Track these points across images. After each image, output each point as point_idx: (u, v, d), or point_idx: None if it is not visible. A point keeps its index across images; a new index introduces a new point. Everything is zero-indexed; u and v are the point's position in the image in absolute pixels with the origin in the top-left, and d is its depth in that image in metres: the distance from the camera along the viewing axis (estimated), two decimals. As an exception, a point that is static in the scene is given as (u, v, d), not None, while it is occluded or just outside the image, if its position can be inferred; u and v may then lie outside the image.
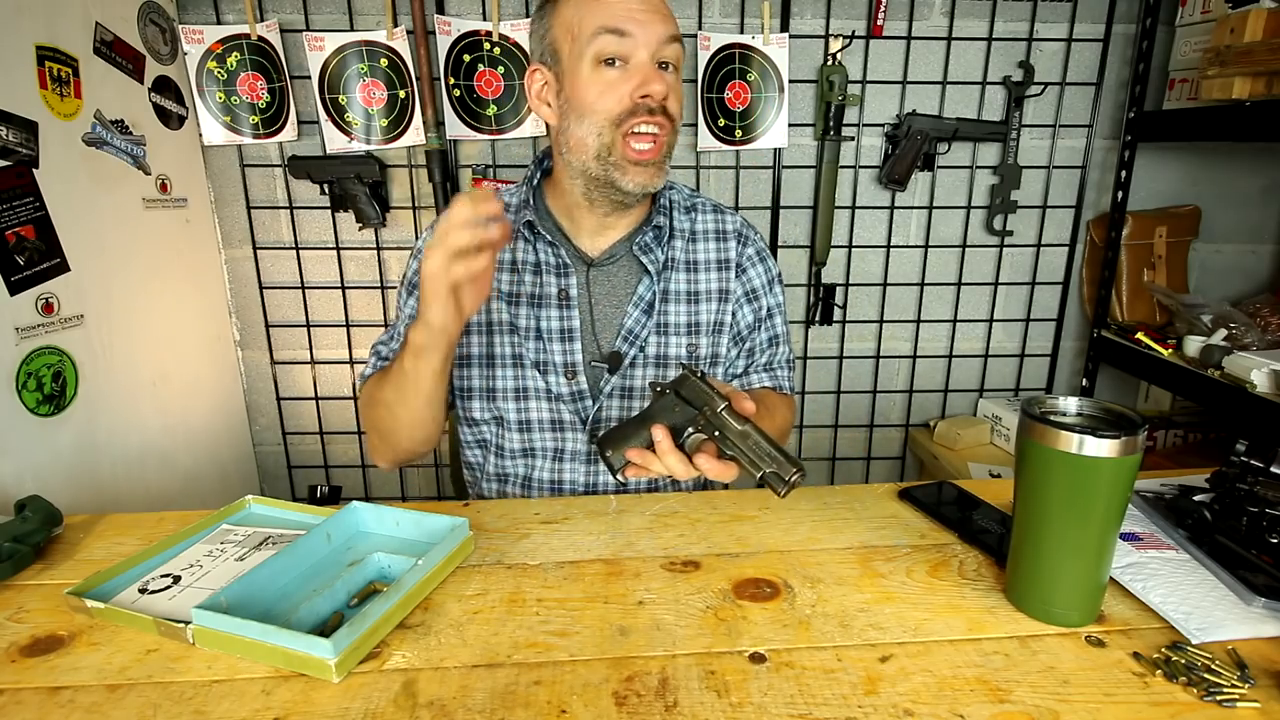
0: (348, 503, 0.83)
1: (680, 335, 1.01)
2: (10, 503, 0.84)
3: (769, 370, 1.09)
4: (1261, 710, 0.56)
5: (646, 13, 0.88)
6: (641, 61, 0.88)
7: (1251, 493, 0.78)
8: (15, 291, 1.17)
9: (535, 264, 1.00)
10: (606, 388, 1.00)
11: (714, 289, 1.03)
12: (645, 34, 0.87)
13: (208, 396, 1.72)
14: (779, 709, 0.57)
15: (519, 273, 1.00)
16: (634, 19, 0.87)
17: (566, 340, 0.99)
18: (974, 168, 1.80)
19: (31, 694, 0.60)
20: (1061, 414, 0.68)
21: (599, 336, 1.00)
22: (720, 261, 1.04)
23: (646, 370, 1.01)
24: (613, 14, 0.87)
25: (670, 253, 1.02)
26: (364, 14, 1.64)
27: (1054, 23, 1.72)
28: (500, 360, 1.00)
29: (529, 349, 0.99)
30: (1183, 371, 1.56)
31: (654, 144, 0.90)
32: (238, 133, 1.67)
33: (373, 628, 0.64)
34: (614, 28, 0.87)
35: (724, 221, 1.06)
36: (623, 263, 1.01)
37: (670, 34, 0.89)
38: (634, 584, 0.74)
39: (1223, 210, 1.88)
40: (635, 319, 1.00)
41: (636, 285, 1.00)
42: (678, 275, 1.02)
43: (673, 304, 1.01)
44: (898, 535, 0.83)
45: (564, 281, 0.99)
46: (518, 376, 1.00)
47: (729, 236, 1.05)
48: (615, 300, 1.01)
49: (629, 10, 0.87)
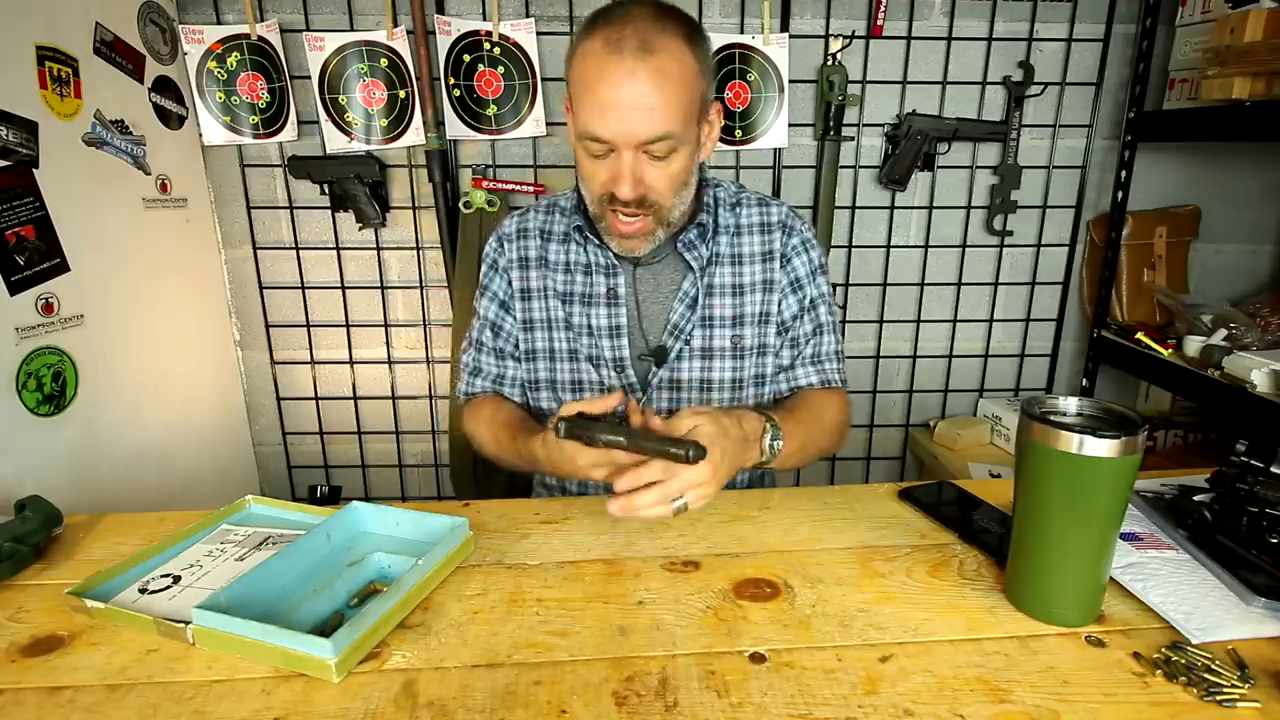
0: (348, 503, 0.83)
1: (725, 328, 1.03)
2: (10, 503, 0.84)
3: (815, 363, 1.08)
4: (1261, 710, 0.56)
5: (631, 111, 0.84)
6: (622, 159, 0.87)
7: (1251, 493, 0.78)
8: (15, 291, 1.17)
9: (586, 264, 1.04)
10: (655, 380, 1.04)
11: (759, 280, 1.04)
12: (625, 138, 0.85)
13: (208, 396, 1.72)
14: (779, 709, 0.57)
15: (572, 272, 1.05)
16: (616, 120, 0.85)
17: (615, 336, 1.03)
18: (974, 168, 1.80)
19: (31, 694, 0.60)
20: (1061, 414, 0.68)
21: (646, 332, 1.04)
22: (765, 253, 1.05)
23: (693, 363, 1.04)
24: (596, 115, 0.85)
25: (715, 248, 1.04)
26: (364, 14, 1.64)
27: (1054, 23, 1.72)
28: (559, 355, 1.06)
29: (582, 344, 1.04)
30: (1183, 371, 1.56)
31: (640, 223, 0.93)
32: (238, 133, 1.67)
33: (373, 628, 0.64)
34: (593, 135, 0.86)
35: (769, 213, 1.06)
36: (668, 260, 1.04)
37: (652, 136, 0.85)
38: (634, 584, 0.74)
39: (1223, 210, 1.87)
40: (680, 314, 1.03)
41: (681, 281, 1.03)
42: (722, 270, 1.04)
43: (717, 297, 1.03)
44: (898, 535, 0.83)
45: (612, 280, 1.03)
46: (574, 370, 1.06)
47: (774, 228, 1.05)
48: (661, 296, 1.04)
49: (612, 108, 0.84)
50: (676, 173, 0.91)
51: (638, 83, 0.83)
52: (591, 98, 0.85)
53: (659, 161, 0.89)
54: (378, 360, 1.86)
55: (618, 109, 0.84)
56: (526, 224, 1.09)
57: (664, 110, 0.85)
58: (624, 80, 0.83)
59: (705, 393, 1.05)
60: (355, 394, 1.88)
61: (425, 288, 1.81)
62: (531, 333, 1.07)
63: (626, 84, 0.83)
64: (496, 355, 1.10)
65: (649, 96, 0.84)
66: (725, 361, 1.04)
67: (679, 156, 0.90)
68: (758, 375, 1.07)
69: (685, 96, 0.87)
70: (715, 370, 1.04)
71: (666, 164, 0.90)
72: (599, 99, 0.85)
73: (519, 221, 1.10)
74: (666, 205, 0.93)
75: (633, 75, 0.83)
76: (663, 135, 0.86)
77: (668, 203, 0.93)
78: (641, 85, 0.83)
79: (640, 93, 0.83)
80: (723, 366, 1.04)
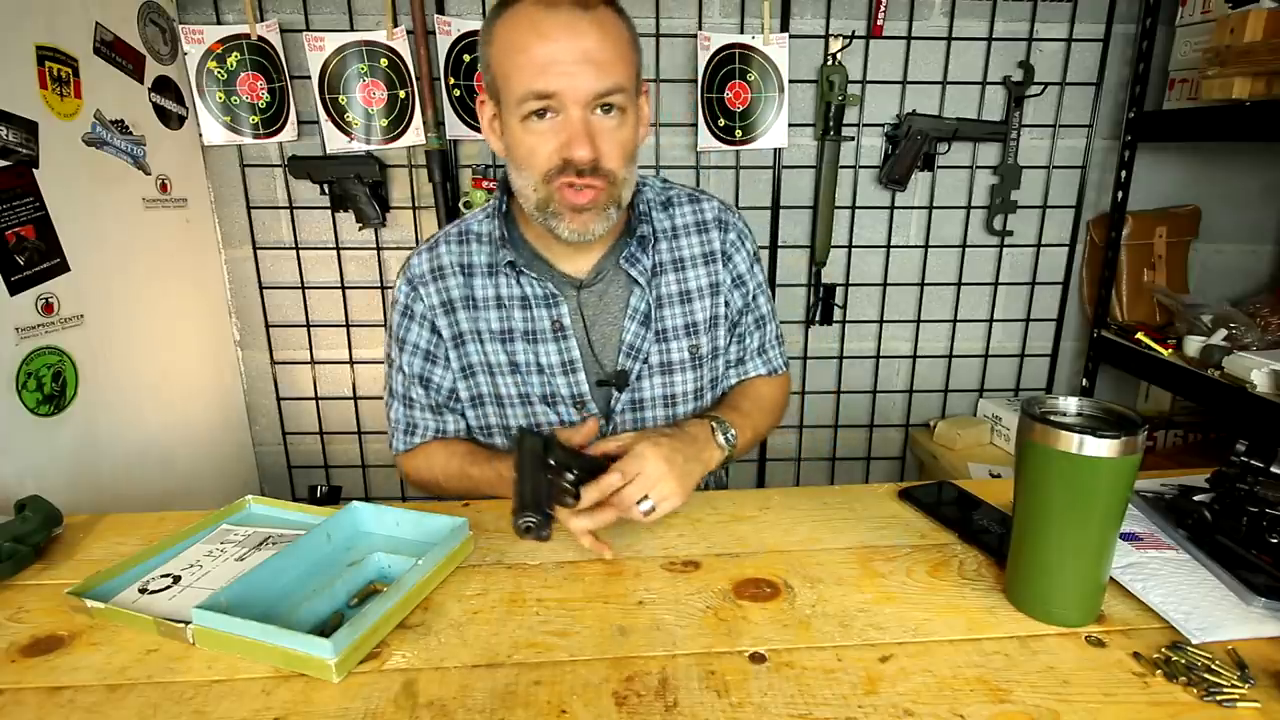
0: (348, 503, 0.83)
1: (680, 339, 1.00)
2: (10, 503, 0.84)
3: (762, 354, 1.08)
4: (1261, 710, 0.56)
5: (577, 64, 0.79)
6: (572, 118, 0.81)
7: (1251, 493, 0.78)
8: (15, 291, 1.17)
9: (522, 297, 0.96)
10: (618, 406, 0.99)
11: (704, 284, 1.01)
12: (575, 91, 0.80)
13: (208, 396, 1.72)
14: (779, 709, 0.57)
15: (506, 308, 0.96)
16: (562, 74, 0.79)
17: (569, 372, 0.97)
18: (974, 168, 1.80)
19: (31, 694, 0.60)
20: (1061, 414, 0.68)
21: (600, 357, 0.98)
22: (706, 255, 1.01)
23: (654, 380, 1.00)
24: (537, 72, 0.79)
25: (657, 256, 0.99)
26: (364, 14, 1.64)
27: (1054, 23, 1.72)
28: (508, 400, 0.99)
29: (534, 384, 0.97)
30: (1183, 371, 1.56)
31: (594, 192, 0.85)
32: (238, 133, 1.67)
33: (373, 628, 0.64)
34: (538, 92, 0.80)
35: (701, 211, 1.02)
36: (611, 277, 0.98)
37: (603, 89, 0.80)
38: (634, 584, 0.74)
39: (1223, 210, 1.87)
40: (634, 332, 0.98)
41: (629, 298, 0.98)
42: (667, 278, 1.00)
43: (667, 308, 0.99)
44: (898, 535, 0.83)
45: (555, 312, 0.96)
46: (528, 413, 0.99)
47: (709, 225, 1.02)
48: (610, 317, 0.98)
49: (554, 64, 0.78)
50: (626, 140, 0.85)
51: (583, 36, 0.79)
52: (528, 58, 0.79)
53: (610, 124, 0.83)
54: (378, 360, 1.86)
55: (563, 63, 0.79)
56: (440, 260, 0.98)
57: (610, 64, 0.80)
58: (564, 33, 0.78)
59: (669, 408, 1.01)
60: (355, 394, 1.88)
61: (425, 288, 1.81)
62: (474, 378, 0.99)
63: (568, 37, 0.78)
64: (432, 411, 1.01)
65: (595, 49, 0.79)
66: (686, 374, 1.01)
67: (628, 123, 0.85)
68: (713, 379, 1.05)
69: (629, 55, 0.83)
70: (677, 384, 1.00)
71: (617, 129, 0.84)
72: (540, 55, 0.79)
73: (430, 258, 0.98)
74: (620, 175, 0.86)
75: (573, 27, 0.78)
76: (615, 87, 0.81)
77: (620, 172, 0.86)
78: (588, 38, 0.79)
79: (586, 45, 0.79)
80: (684, 380, 1.01)
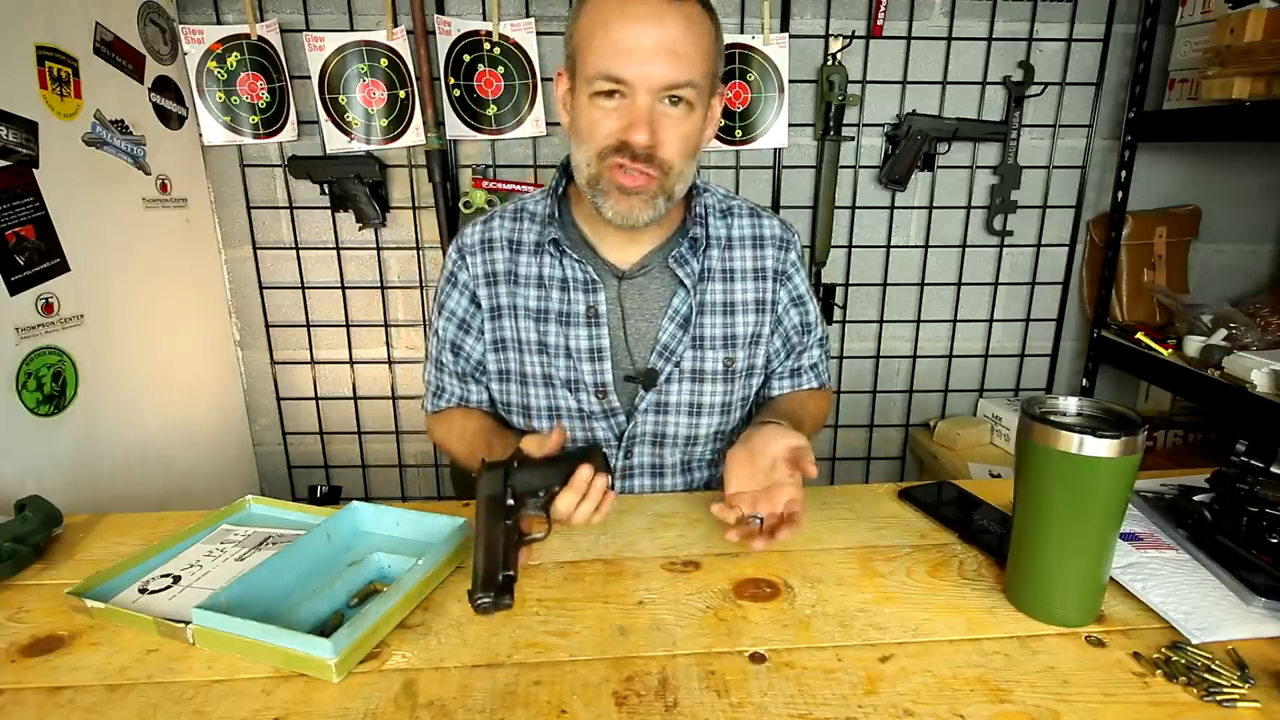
0: (348, 503, 0.83)
1: (716, 349, 0.98)
2: (10, 503, 0.84)
3: (814, 369, 1.07)
4: (1261, 710, 0.56)
5: (654, 51, 0.80)
6: (638, 104, 0.82)
7: (1251, 493, 0.78)
8: (15, 291, 1.17)
9: (563, 279, 0.96)
10: (642, 405, 0.98)
11: (750, 299, 0.99)
12: (646, 79, 0.81)
13: (208, 396, 1.72)
14: (779, 709, 0.57)
15: (546, 288, 0.96)
16: (637, 61, 0.80)
17: (596, 360, 0.96)
18: (974, 168, 1.80)
19: (31, 694, 0.60)
20: (1061, 414, 0.68)
21: (633, 351, 0.97)
22: (758, 270, 1.00)
23: (682, 385, 0.98)
24: (614, 54, 0.80)
25: (706, 262, 0.98)
26: (364, 14, 1.64)
27: (1054, 23, 1.72)
28: (532, 379, 0.99)
29: (558, 368, 0.96)
30: (1183, 371, 1.56)
31: (645, 179, 0.85)
32: (238, 133, 1.67)
33: (373, 628, 0.64)
34: (611, 74, 0.81)
35: (761, 226, 1.01)
36: (655, 274, 0.97)
37: (676, 81, 0.81)
38: (634, 584, 0.74)
39: (1223, 210, 1.87)
40: (670, 334, 0.96)
41: (671, 298, 0.96)
42: (713, 285, 0.98)
43: (708, 315, 0.98)
44: (898, 535, 0.83)
45: (592, 298, 0.95)
46: (549, 395, 0.98)
47: (766, 243, 1.00)
48: (648, 314, 0.97)
49: (632, 48, 0.80)
50: (689, 134, 0.86)
51: (666, 25, 0.80)
52: (609, 38, 0.80)
53: (674, 115, 0.83)
54: (378, 360, 1.86)
55: (641, 49, 0.80)
56: (491, 233, 0.99)
57: (689, 59, 0.81)
58: (650, 21, 0.79)
59: (694, 416, 0.99)
60: (355, 394, 1.88)
61: (425, 288, 1.81)
62: (503, 353, 0.99)
63: (653, 25, 0.79)
64: (458, 378, 1.03)
65: (677, 40, 0.80)
66: (717, 385, 0.99)
67: (694, 117, 0.85)
68: (744, 398, 1.03)
69: (709, 52, 0.84)
70: (706, 394, 0.99)
71: (681, 120, 0.84)
72: (620, 37, 0.80)
73: (483, 230, 1.00)
74: (675, 169, 0.86)
75: (660, 17, 0.79)
76: (686, 81, 0.81)
77: (677, 165, 0.86)
78: (671, 28, 0.80)
79: (667, 36, 0.80)
80: (714, 390, 0.99)
